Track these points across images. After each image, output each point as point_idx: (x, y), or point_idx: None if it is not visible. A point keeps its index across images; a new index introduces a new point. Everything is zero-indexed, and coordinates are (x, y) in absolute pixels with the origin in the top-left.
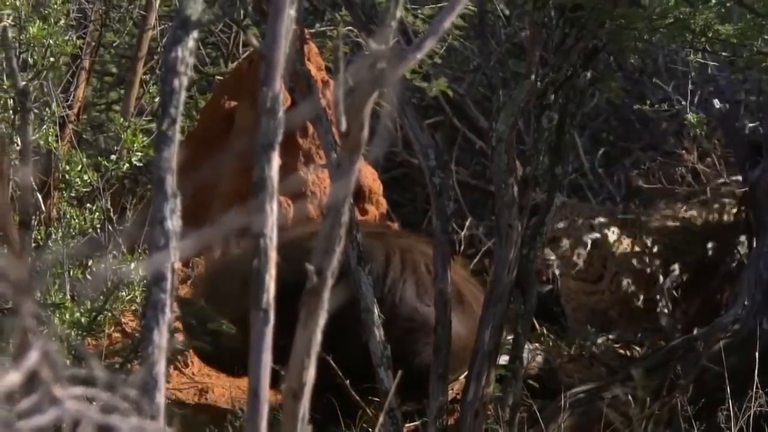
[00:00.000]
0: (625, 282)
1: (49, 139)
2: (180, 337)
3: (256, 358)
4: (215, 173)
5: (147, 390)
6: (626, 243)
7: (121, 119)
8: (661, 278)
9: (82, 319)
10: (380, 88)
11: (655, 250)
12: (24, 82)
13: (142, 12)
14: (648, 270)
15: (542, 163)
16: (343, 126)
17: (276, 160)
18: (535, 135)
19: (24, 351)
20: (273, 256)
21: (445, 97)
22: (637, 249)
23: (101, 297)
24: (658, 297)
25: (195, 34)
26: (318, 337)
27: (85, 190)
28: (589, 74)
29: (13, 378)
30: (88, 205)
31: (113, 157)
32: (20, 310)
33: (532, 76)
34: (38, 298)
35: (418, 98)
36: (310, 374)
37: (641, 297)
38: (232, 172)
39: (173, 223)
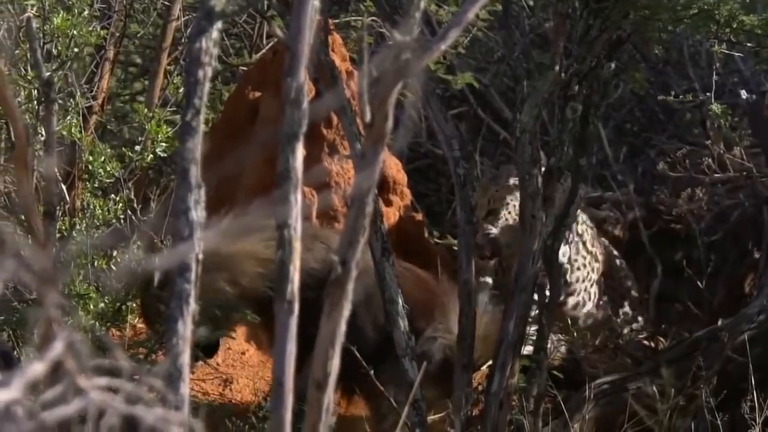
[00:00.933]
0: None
1: (73, 130)
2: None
3: (280, 349)
4: (239, 164)
5: (171, 381)
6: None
7: (146, 110)
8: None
9: (107, 310)
10: (405, 78)
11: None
12: (48, 73)
13: (166, 2)
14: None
15: (566, 154)
16: (368, 117)
17: (300, 151)
18: (559, 126)
19: (48, 342)
20: (297, 247)
21: (470, 87)
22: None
23: (125, 288)
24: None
25: (219, 24)
26: (342, 327)
27: (108, 180)
28: (613, 65)
29: (38, 368)
30: (112, 195)
31: (137, 147)
32: (45, 301)
33: (557, 67)
34: (62, 289)
35: (443, 89)
36: (335, 365)
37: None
38: (257, 163)
39: (197, 213)
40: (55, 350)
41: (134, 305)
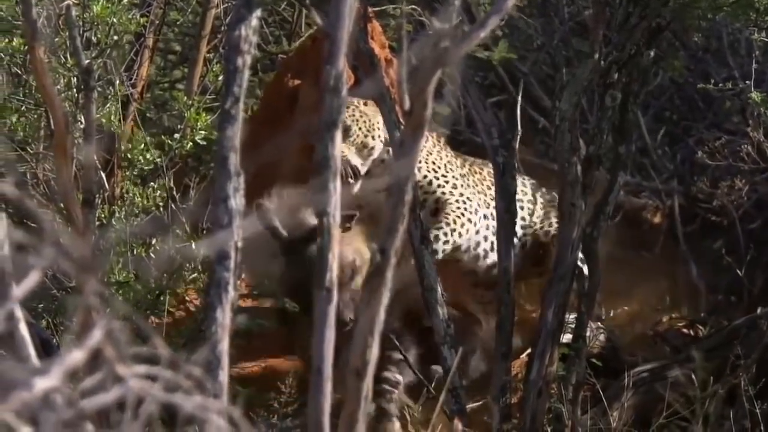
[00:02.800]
0: None
1: (113, 118)
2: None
3: (319, 337)
4: (278, 152)
5: (210, 368)
6: None
7: (185, 98)
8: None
9: (145, 298)
10: (444, 66)
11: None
12: (87, 61)
13: None
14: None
15: (606, 142)
16: (407, 104)
17: (339, 139)
18: (598, 114)
19: (88, 330)
20: (336, 235)
21: (509, 75)
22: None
23: (164, 275)
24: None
25: (258, 12)
26: (382, 316)
27: (148, 168)
28: (652, 53)
29: (77, 356)
30: (152, 183)
31: (176, 135)
32: (84, 289)
33: (596, 55)
34: (101, 277)
35: (482, 77)
36: (373, 353)
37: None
38: (297, 150)
39: (236, 201)
40: (95, 338)
41: (173, 294)
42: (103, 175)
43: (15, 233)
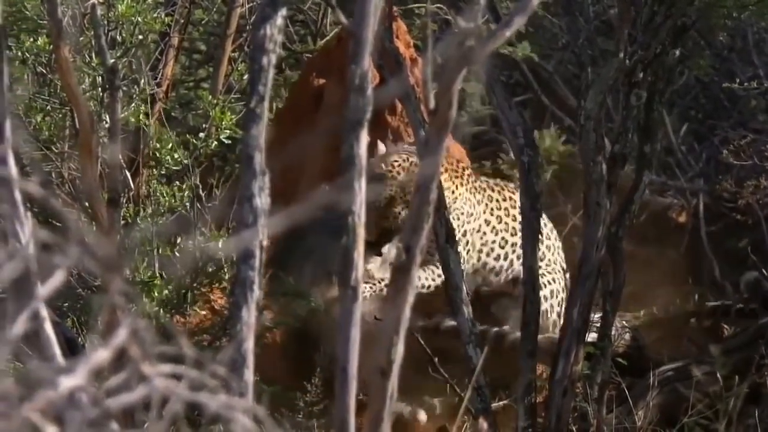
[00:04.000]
0: None
1: (140, 117)
2: (269, 314)
3: (344, 335)
4: (304, 151)
5: (235, 367)
6: None
7: (210, 97)
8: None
9: (171, 297)
10: (469, 65)
11: None
12: (113, 60)
13: None
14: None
15: (631, 141)
16: (432, 104)
17: (364, 138)
18: (623, 113)
19: (113, 329)
20: (362, 234)
21: (534, 74)
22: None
23: (190, 275)
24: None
25: (283, 11)
26: (407, 314)
27: (173, 167)
28: (678, 52)
29: (103, 355)
30: (177, 182)
31: (202, 134)
32: (109, 288)
33: (621, 54)
34: (127, 276)
35: (507, 76)
36: (399, 351)
37: None
38: (322, 149)
39: (261, 200)
40: (120, 337)
41: (198, 293)
42: (129, 174)
43: (40, 232)
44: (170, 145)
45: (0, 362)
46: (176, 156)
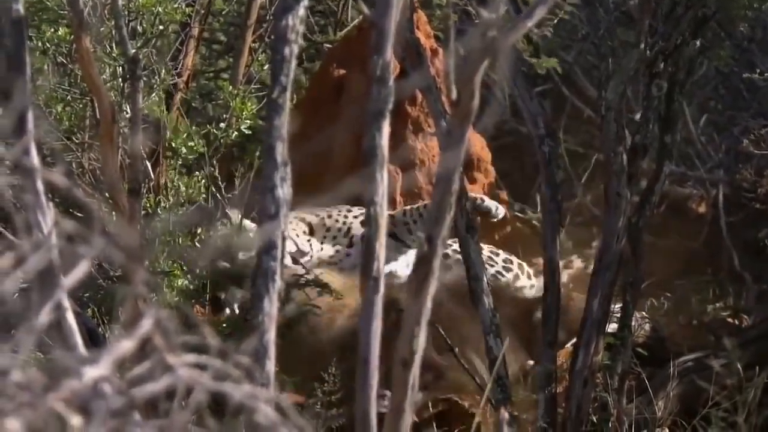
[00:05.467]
0: None
1: (159, 107)
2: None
3: (366, 327)
4: (325, 142)
5: (258, 358)
6: None
7: (230, 87)
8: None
9: (191, 287)
10: (491, 56)
11: None
12: (134, 51)
13: None
14: None
15: (651, 132)
16: (454, 95)
17: (386, 129)
18: (644, 103)
19: (135, 319)
20: (384, 224)
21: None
22: None
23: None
24: None
25: (305, 1)
26: (429, 305)
27: (192, 158)
28: (698, 43)
29: (127, 346)
30: (197, 173)
31: (222, 125)
32: (131, 278)
33: (642, 45)
34: (148, 266)
35: (527, 66)
36: (421, 343)
37: None
38: (349, 139)
39: (283, 191)
40: (144, 327)
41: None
42: (149, 164)
43: (65, 223)
44: (186, 134)
45: (24, 352)
46: (192, 145)
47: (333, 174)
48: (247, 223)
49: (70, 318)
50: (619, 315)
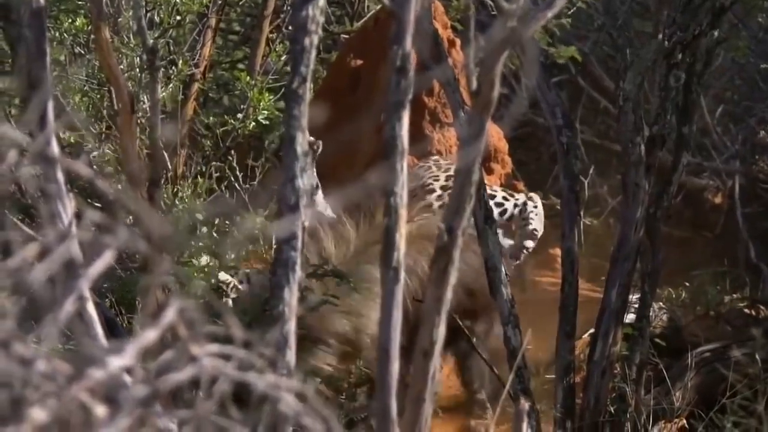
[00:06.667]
0: None
1: (177, 98)
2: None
3: (386, 317)
4: (358, 131)
5: (278, 348)
6: None
7: (248, 78)
8: None
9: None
10: (512, 46)
11: None
12: (152, 41)
13: None
14: None
15: (669, 122)
16: (474, 85)
17: (406, 119)
18: (662, 94)
19: (157, 309)
20: (404, 214)
21: (570, 56)
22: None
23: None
24: None
25: None
26: (449, 294)
27: (210, 148)
28: (716, 33)
29: (151, 335)
30: (214, 163)
31: (239, 115)
32: (156, 269)
33: (660, 36)
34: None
35: (543, 56)
36: (441, 332)
37: None
38: (374, 130)
39: (303, 181)
40: (168, 317)
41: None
42: (167, 155)
43: (90, 213)
44: (206, 125)
45: (50, 343)
46: (211, 135)
47: (359, 164)
48: (319, 197)
49: (91, 308)
50: (636, 305)
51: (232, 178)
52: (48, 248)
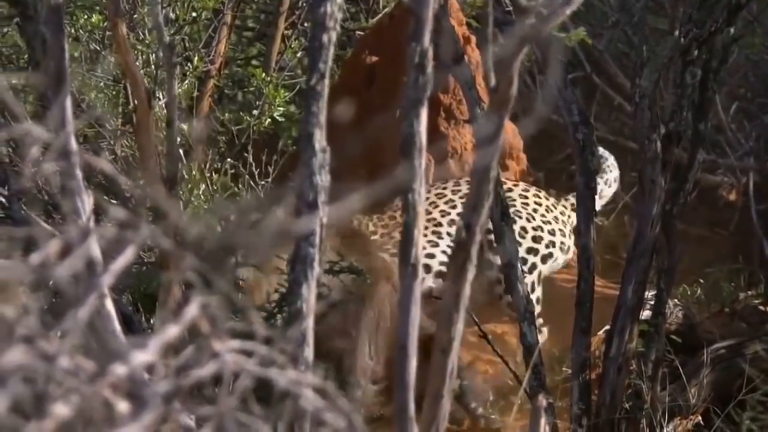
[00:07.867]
0: None
1: (192, 94)
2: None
3: (404, 313)
4: (386, 128)
5: (297, 344)
6: None
7: (263, 74)
8: None
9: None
10: (529, 44)
11: None
12: (169, 37)
13: None
14: None
15: (685, 119)
16: (492, 82)
17: (424, 116)
18: (678, 91)
19: (180, 305)
20: (422, 211)
21: (585, 52)
22: None
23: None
24: None
25: None
26: (467, 291)
27: (225, 145)
28: (731, 30)
29: (174, 331)
30: (230, 160)
31: (255, 112)
32: (177, 265)
33: (676, 32)
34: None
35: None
36: (459, 329)
37: None
38: (386, 128)
39: (321, 177)
40: (191, 313)
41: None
42: (182, 152)
43: (113, 209)
44: (221, 122)
45: (72, 339)
46: (226, 131)
47: (385, 162)
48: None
49: (109, 304)
50: (652, 302)
51: (248, 175)
52: (69, 245)
